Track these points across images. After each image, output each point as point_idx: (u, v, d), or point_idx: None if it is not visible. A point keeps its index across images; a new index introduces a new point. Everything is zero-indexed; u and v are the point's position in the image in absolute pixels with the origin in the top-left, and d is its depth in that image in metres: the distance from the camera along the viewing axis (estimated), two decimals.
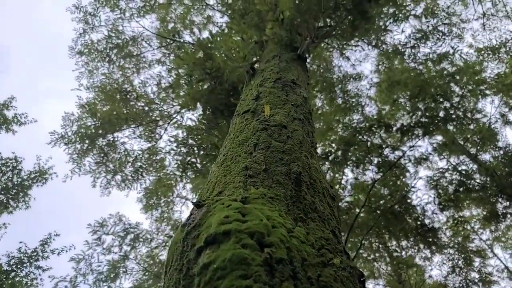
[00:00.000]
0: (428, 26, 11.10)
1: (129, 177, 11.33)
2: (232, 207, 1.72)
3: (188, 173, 8.04)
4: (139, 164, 11.50)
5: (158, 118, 11.26)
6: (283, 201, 1.92)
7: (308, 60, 6.59)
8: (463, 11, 12.95)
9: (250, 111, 3.25)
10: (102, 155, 10.19)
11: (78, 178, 12.17)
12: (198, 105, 7.07)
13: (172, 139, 7.71)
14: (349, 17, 6.09)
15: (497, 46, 12.64)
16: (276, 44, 6.29)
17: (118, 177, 11.17)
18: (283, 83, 3.90)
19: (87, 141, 9.89)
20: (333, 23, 6.05)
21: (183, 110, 8.71)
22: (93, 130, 9.72)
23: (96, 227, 11.76)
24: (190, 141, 7.05)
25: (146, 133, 11.17)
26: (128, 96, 11.10)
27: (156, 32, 12.65)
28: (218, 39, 6.97)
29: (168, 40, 12.46)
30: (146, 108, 11.45)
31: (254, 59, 6.69)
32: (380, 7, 6.44)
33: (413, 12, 11.28)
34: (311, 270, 1.46)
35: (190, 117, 8.21)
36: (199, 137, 6.91)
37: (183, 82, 7.09)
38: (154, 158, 11.41)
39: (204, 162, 7.36)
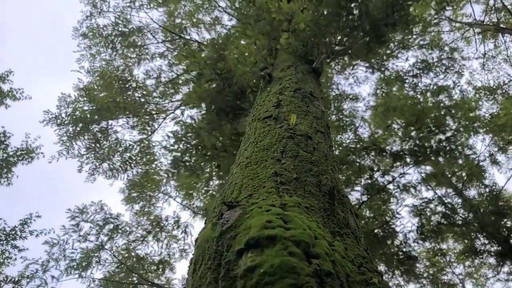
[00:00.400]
0: (433, 58, 11.27)
1: (117, 167, 11.18)
2: (273, 212, 1.69)
3: (181, 171, 7.96)
4: (128, 155, 11.36)
5: (154, 112, 11.16)
6: (318, 212, 1.89)
7: None
8: (466, 48, 13.21)
9: (272, 117, 3.22)
10: (94, 141, 10.03)
11: (64, 161, 11.91)
12: (202, 104, 7.02)
13: (171, 135, 7.63)
14: (365, 38, 6.13)
15: (494, 87, 12.90)
16: (290, 54, 6.31)
17: (105, 165, 11.01)
18: (303, 94, 3.90)
19: (80, 125, 9.73)
20: (348, 43, 6.09)
21: (184, 107, 8.63)
22: (88, 115, 9.57)
23: (75, 213, 11.55)
24: (189, 139, 6.98)
25: (141, 125, 11.05)
26: (127, 86, 10.99)
27: (163, 26, 12.57)
28: (231, 41, 6.96)
29: (174, 36, 12.40)
30: (143, 100, 11.35)
31: (262, 65, 6.69)
32: (395, 32, 6.51)
33: (419, 42, 11.47)
34: (356, 287, 1.43)
35: (191, 115, 8.13)
36: (199, 136, 6.85)
37: (191, 79, 7.02)
38: (145, 151, 11.29)
39: (200, 162, 7.29)
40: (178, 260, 13.26)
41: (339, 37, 5.94)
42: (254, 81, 6.40)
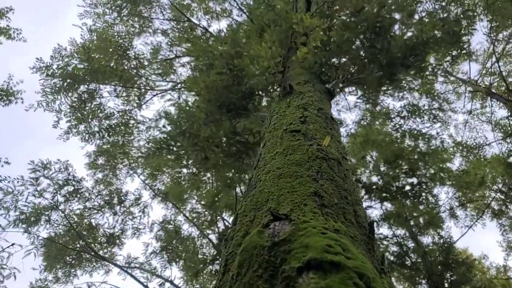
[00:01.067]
0: (424, 105, 11.64)
1: (94, 131, 10.91)
2: (329, 237, 1.72)
3: (162, 152, 7.86)
4: (108, 122, 11.11)
5: (144, 86, 10.97)
6: (362, 245, 1.94)
7: None
8: (455, 101, 13.70)
9: (301, 132, 3.25)
10: (79, 101, 9.76)
11: (41, 112, 11.49)
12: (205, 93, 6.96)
13: (163, 114, 7.51)
14: (380, 73, 6.27)
15: (471, 146, 13.42)
16: (304, 68, 6.36)
17: (82, 127, 10.72)
18: (325, 116, 3.95)
19: (68, 81, 9.43)
20: (363, 73, 6.21)
21: (180, 89, 8.53)
22: (81, 73, 9.29)
23: (38, 166, 11.21)
24: (182, 123, 6.89)
25: (128, 96, 10.84)
26: (124, 54, 10.76)
27: (172, 2, 12.38)
28: (249, 40, 6.96)
29: (182, 16, 12.25)
30: (136, 72, 11.14)
31: (274, 71, 6.71)
32: (407, 74, 6.69)
33: (415, 86, 11.82)
34: None
35: (187, 100, 8.03)
36: (193, 123, 6.78)
37: (197, 67, 6.95)
38: (126, 122, 11.07)
39: (187, 149, 7.21)
40: (129, 237, 13.07)
41: (356, 66, 6.04)
42: (264, 85, 6.41)
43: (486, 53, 13.05)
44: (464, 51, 8.86)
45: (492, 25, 11.59)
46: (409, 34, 6.49)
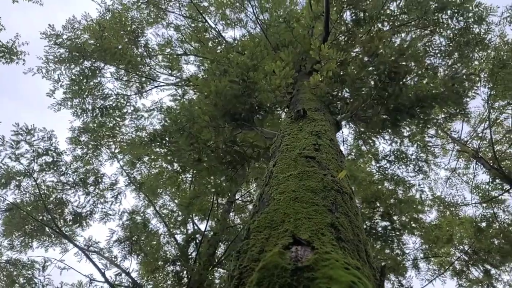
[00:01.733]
0: (412, 154, 11.89)
1: (88, 108, 10.79)
2: (352, 274, 1.76)
3: (156, 144, 7.83)
4: (102, 102, 11.01)
5: (145, 76, 10.93)
6: (374, 286, 1.99)
7: None
8: (440, 156, 14.06)
9: (316, 160, 3.31)
10: (81, 75, 9.65)
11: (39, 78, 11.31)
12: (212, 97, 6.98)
13: (165, 108, 7.49)
14: (384, 116, 6.41)
15: (447, 202, 13.72)
16: (314, 95, 6.46)
17: (77, 101, 10.58)
18: (336, 147, 4.02)
19: (75, 53, 9.33)
20: (370, 113, 6.34)
21: (186, 86, 8.52)
22: (89, 50, 9.21)
23: (21, 130, 11.00)
24: (182, 121, 6.89)
25: (129, 82, 10.78)
26: (134, 39, 10.73)
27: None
28: (266, 57, 7.04)
29: (198, 16, 12.29)
30: (139, 59, 11.10)
31: (284, 91, 6.79)
32: (411, 124, 6.86)
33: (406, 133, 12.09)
34: None
35: (191, 98, 8.04)
36: (194, 124, 6.79)
37: (209, 70, 6.98)
38: (121, 106, 10.99)
39: (181, 147, 7.20)
40: (96, 220, 12.86)
41: (365, 105, 6.17)
42: (272, 102, 6.47)
43: (480, 118, 13.44)
44: (463, 112, 9.12)
45: (491, 92, 11.96)
46: (419, 85, 6.66)
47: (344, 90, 6.53)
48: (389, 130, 6.71)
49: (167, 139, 7.79)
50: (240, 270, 2.04)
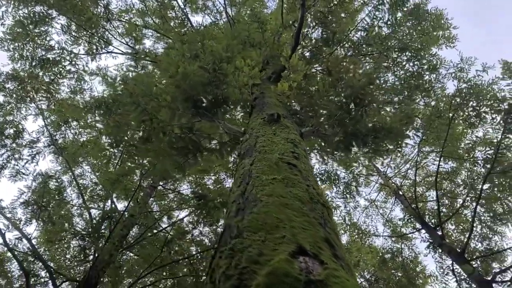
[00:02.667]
0: (343, 177, 12.34)
1: (24, 55, 9.91)
2: None
3: (100, 111, 7.39)
4: (44, 54, 10.18)
5: (102, 39, 10.28)
6: None
7: None
8: (363, 186, 14.75)
9: (297, 168, 3.26)
10: (28, 19, 8.84)
11: None
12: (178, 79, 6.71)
13: (121, 77, 7.07)
14: (341, 138, 6.55)
15: (361, 231, 14.40)
16: (280, 102, 6.44)
17: (17, 45, 9.67)
18: (308, 159, 4.01)
19: None
20: (328, 132, 6.44)
21: (145, 60, 8.09)
22: None
23: None
24: (141, 95, 6.53)
25: (80, 40, 10.06)
26: None
27: None
28: (240, 52, 6.92)
29: None
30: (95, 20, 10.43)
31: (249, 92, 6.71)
32: (359, 152, 7.07)
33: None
34: None
35: (150, 72, 7.66)
36: (152, 100, 6.47)
37: (181, 53, 6.71)
38: (64, 61, 10.22)
39: (130, 119, 6.83)
40: (6, 177, 11.84)
41: (327, 124, 6.26)
42: (238, 99, 6.35)
43: (406, 157, 14.25)
44: (400, 149, 9.62)
45: (423, 137, 12.72)
46: (379, 116, 6.90)
47: (310, 105, 6.58)
48: (341, 152, 6.87)
49: (114, 109, 7.38)
50: (239, 270, 1.91)
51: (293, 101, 6.47)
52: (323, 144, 6.58)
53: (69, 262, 13.44)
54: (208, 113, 5.96)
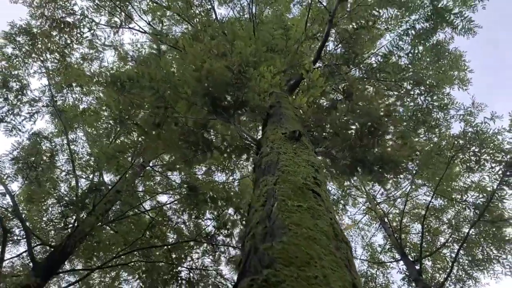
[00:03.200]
0: (334, 194, 12.41)
1: (45, 15, 9.76)
2: None
3: (114, 87, 7.30)
4: (64, 17, 10.04)
5: (128, 13, 10.16)
6: None
7: None
8: (349, 205, 14.87)
9: (321, 197, 3.27)
10: None
11: None
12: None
13: (146, 57, 7.00)
14: (348, 163, 6.59)
15: None
16: (296, 115, 6.45)
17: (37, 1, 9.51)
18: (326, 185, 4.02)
19: None
20: (340, 155, 6.47)
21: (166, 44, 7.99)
22: None
23: None
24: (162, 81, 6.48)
25: (103, 10, 9.95)
26: None
27: None
28: (266, 60, 6.91)
29: None
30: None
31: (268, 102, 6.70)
32: (364, 178, 7.12)
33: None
34: None
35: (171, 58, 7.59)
36: (169, 88, 6.42)
37: (208, 48, 6.66)
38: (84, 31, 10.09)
39: (142, 102, 6.80)
40: (1, 131, 11.67)
41: (340, 146, 6.29)
42: (257, 105, 6.33)
43: (398, 185, 14.38)
44: (396, 179, 9.71)
45: (420, 172, 12.83)
46: (388, 147, 6.94)
47: (324, 123, 6.60)
48: (346, 176, 6.91)
49: (130, 89, 7.31)
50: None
51: (309, 117, 6.48)
52: (329, 164, 6.60)
53: (45, 226, 13.28)
54: (225, 114, 5.94)
